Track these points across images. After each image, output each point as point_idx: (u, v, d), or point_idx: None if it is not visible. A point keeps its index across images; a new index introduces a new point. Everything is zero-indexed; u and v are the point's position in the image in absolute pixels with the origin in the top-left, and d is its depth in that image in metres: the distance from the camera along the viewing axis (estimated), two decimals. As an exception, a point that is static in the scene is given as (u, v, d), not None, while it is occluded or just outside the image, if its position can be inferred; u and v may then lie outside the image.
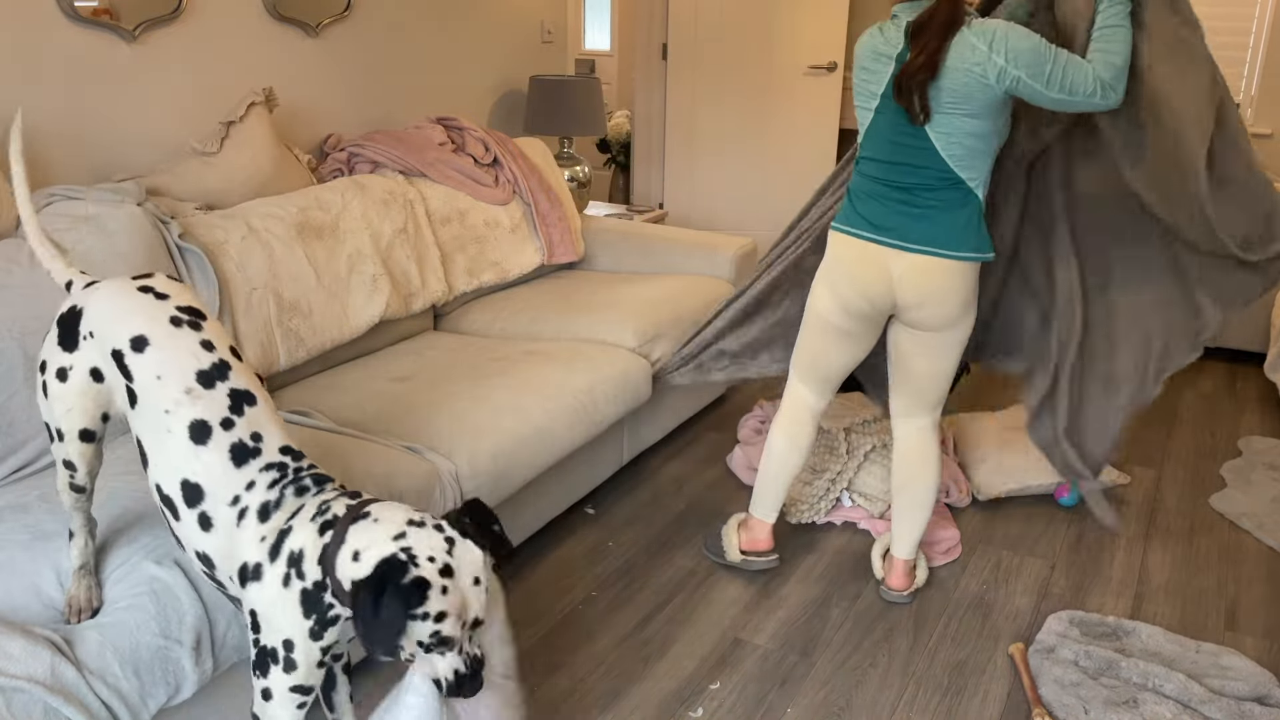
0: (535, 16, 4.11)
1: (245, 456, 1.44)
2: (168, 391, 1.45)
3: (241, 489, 1.42)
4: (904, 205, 2.17)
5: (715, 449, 3.37)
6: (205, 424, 1.44)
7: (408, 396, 2.48)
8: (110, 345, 1.50)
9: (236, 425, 1.45)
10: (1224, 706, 2.07)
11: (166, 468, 1.45)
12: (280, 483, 1.44)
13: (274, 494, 1.43)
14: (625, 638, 2.36)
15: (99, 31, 2.52)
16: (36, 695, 1.44)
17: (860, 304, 2.27)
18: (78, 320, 1.54)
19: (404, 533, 1.34)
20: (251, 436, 1.46)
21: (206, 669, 1.66)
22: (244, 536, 1.41)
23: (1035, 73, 2.00)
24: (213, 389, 1.47)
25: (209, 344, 1.51)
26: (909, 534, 2.49)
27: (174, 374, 1.46)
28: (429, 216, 3.08)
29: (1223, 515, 2.96)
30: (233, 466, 1.43)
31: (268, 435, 1.47)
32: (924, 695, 2.19)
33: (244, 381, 1.51)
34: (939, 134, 2.10)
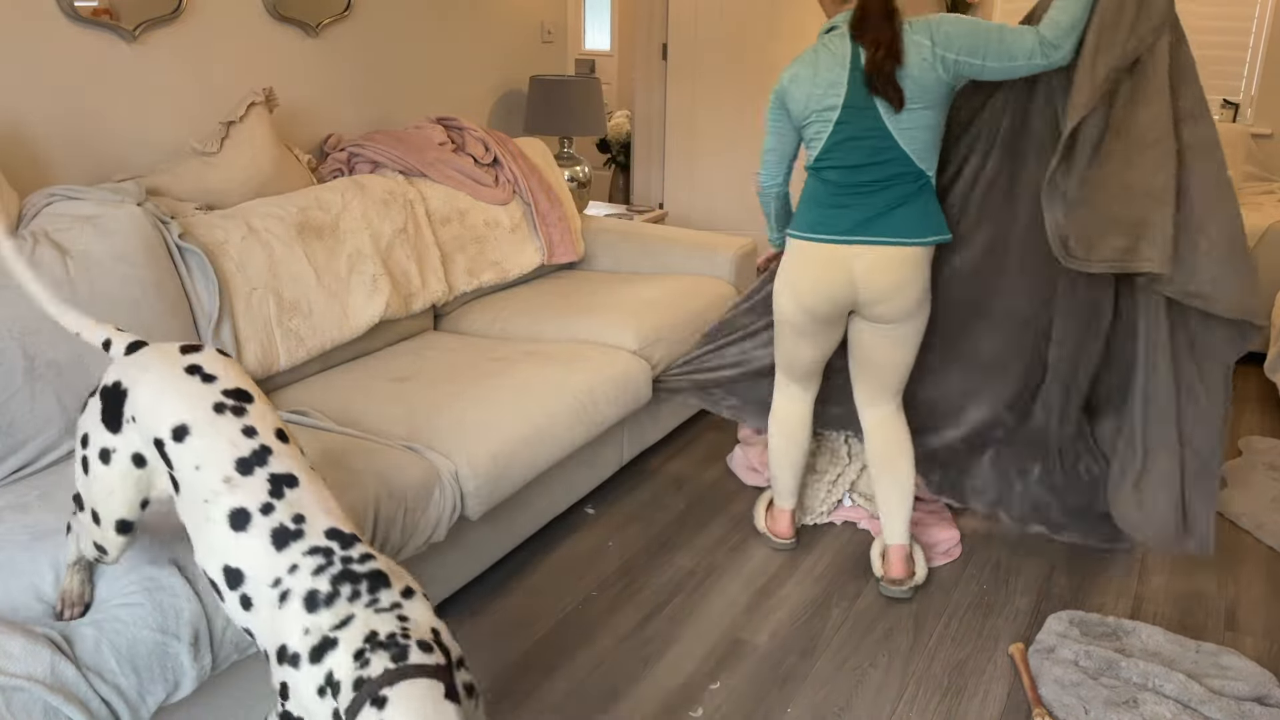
0: (535, 16, 4.11)
1: (286, 539, 1.41)
2: (206, 481, 1.44)
3: (284, 572, 1.39)
4: (869, 203, 2.29)
5: (715, 449, 3.37)
6: (244, 511, 1.41)
7: (408, 396, 2.48)
8: (152, 433, 1.48)
9: (277, 509, 1.42)
10: (1224, 706, 2.07)
11: (208, 553, 1.43)
12: (327, 570, 1.39)
13: (324, 584, 1.38)
14: (625, 638, 2.36)
15: (99, 31, 2.52)
16: (36, 694, 1.44)
17: (823, 306, 2.39)
18: (122, 401, 1.52)
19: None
20: (293, 519, 1.42)
21: (205, 665, 1.66)
22: (286, 620, 1.37)
23: (972, 50, 2.13)
24: (251, 475, 1.44)
25: (251, 429, 1.48)
26: (898, 517, 2.54)
27: (213, 464, 1.44)
28: (429, 216, 3.08)
29: (1223, 515, 2.96)
30: (274, 550, 1.40)
31: (311, 517, 1.44)
32: (924, 695, 2.19)
33: (286, 464, 1.48)
34: (901, 130, 2.23)
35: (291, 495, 1.45)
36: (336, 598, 1.37)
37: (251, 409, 1.51)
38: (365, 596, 1.39)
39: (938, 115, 2.25)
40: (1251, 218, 4.04)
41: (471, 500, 2.25)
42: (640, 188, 5.38)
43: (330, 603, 1.37)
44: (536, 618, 2.43)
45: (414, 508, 2.09)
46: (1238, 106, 4.76)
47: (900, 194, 2.28)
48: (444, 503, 2.17)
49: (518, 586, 2.56)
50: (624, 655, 2.30)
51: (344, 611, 1.37)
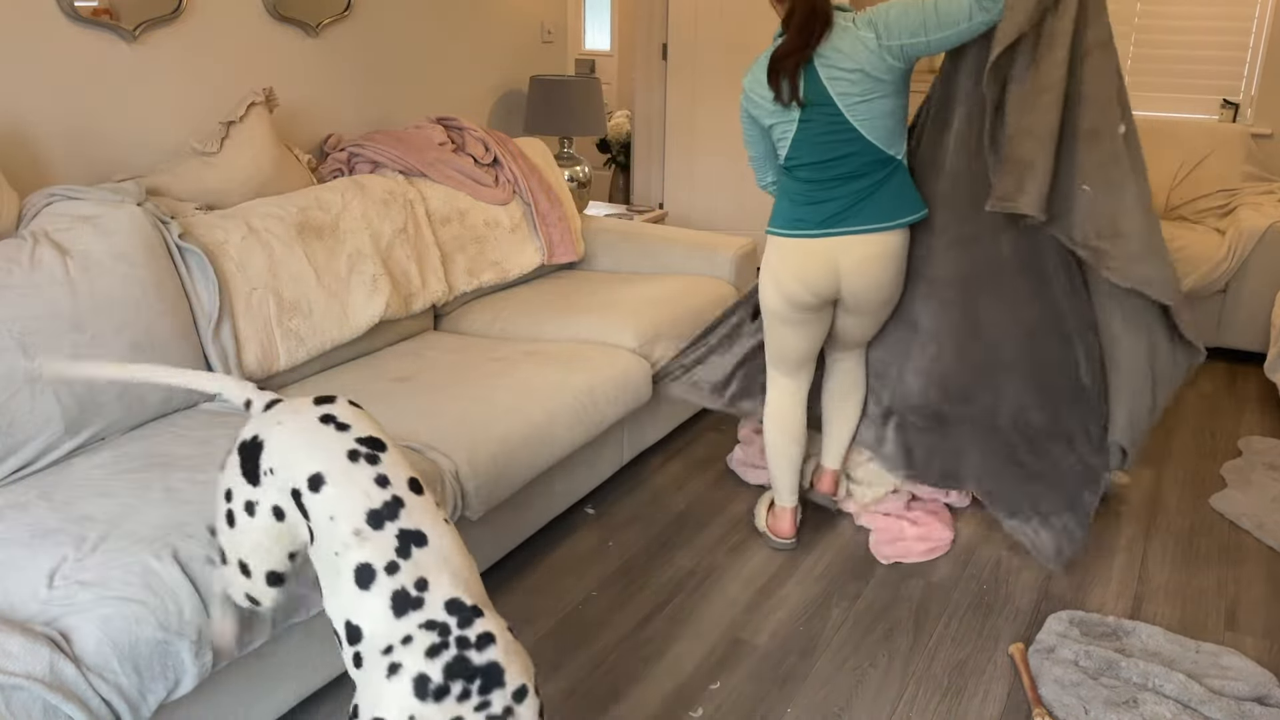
0: (535, 16, 4.11)
1: (406, 607, 1.38)
2: (339, 533, 1.43)
3: (397, 641, 1.36)
4: (843, 194, 2.36)
5: (715, 449, 3.37)
6: (370, 567, 1.40)
7: (408, 396, 2.48)
8: (290, 484, 1.48)
9: (401, 570, 1.40)
10: (1224, 706, 2.07)
11: (336, 606, 1.42)
12: (442, 654, 1.36)
13: (437, 672, 1.34)
14: (625, 638, 2.36)
15: (99, 31, 2.52)
16: (36, 693, 1.44)
17: (807, 298, 2.47)
18: (259, 453, 1.52)
19: None
20: (416, 584, 1.39)
21: (206, 662, 1.66)
22: (390, 695, 1.34)
23: (914, 30, 2.20)
24: (381, 530, 1.42)
25: (384, 479, 1.47)
26: (840, 443, 2.84)
27: (345, 514, 1.43)
28: (429, 216, 3.08)
29: (1223, 515, 2.96)
30: (392, 616, 1.38)
31: (434, 584, 1.40)
32: (924, 695, 2.19)
33: (417, 519, 1.45)
34: (862, 121, 2.29)
35: (418, 555, 1.42)
36: (446, 694, 1.33)
37: (385, 458, 1.50)
38: (476, 698, 1.35)
39: (897, 100, 2.31)
40: (1252, 218, 4.04)
41: (472, 500, 2.25)
42: (640, 188, 5.38)
43: (440, 698, 1.33)
44: (536, 618, 2.43)
45: (414, 507, 2.09)
46: (1238, 106, 4.76)
47: (873, 181, 2.35)
48: (444, 501, 2.17)
49: (518, 586, 2.56)
50: (624, 655, 2.30)
51: (452, 712, 1.33)
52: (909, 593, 2.56)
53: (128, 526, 1.77)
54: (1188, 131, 4.51)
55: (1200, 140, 4.47)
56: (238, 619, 1.69)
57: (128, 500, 1.85)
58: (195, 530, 1.76)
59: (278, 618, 1.80)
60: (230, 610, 1.67)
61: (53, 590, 1.61)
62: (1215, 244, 4.08)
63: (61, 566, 1.65)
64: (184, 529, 1.76)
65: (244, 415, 2.25)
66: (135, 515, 1.80)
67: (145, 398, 2.21)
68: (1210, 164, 4.43)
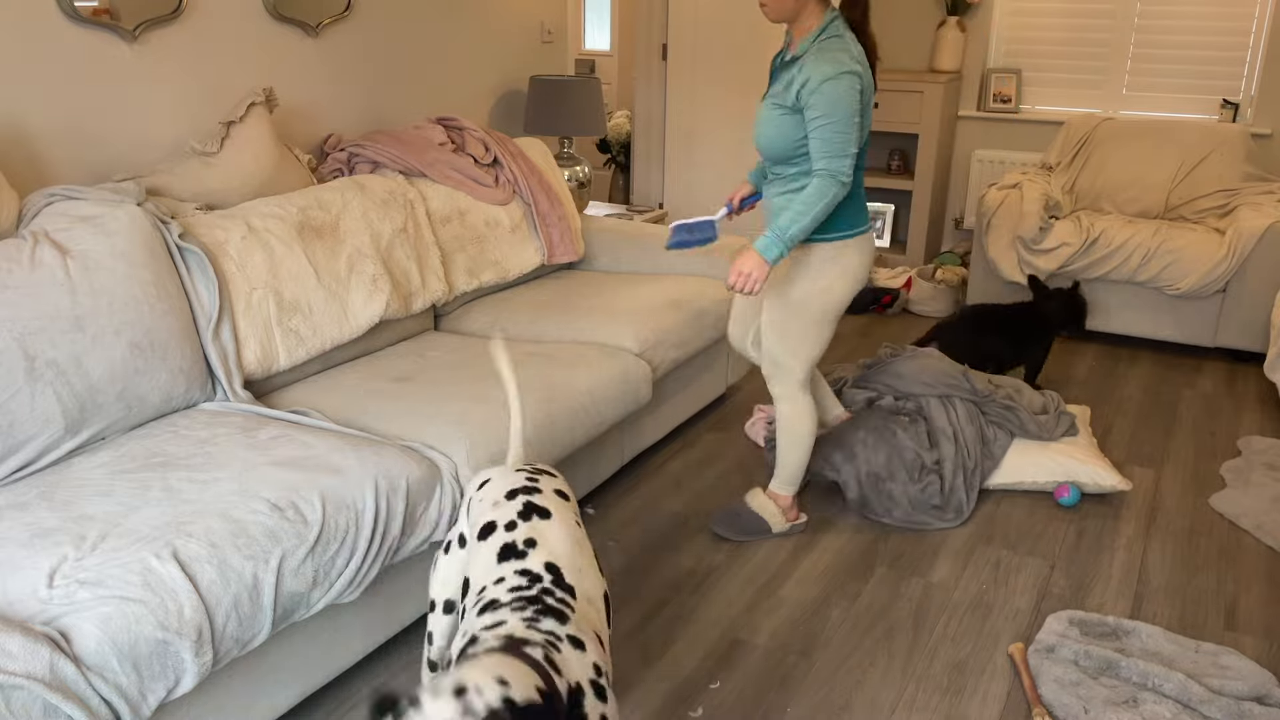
0: (535, 16, 4.11)
1: (509, 555, 1.53)
2: (484, 509, 1.66)
3: (490, 581, 1.50)
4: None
5: (715, 449, 3.37)
6: (493, 524, 1.58)
7: (408, 396, 2.48)
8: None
9: (518, 529, 1.58)
10: (1223, 706, 2.07)
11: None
12: (524, 590, 1.44)
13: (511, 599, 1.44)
14: (625, 638, 2.36)
15: (99, 31, 2.52)
16: (36, 693, 1.44)
17: None
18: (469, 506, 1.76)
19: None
20: (525, 541, 1.55)
21: (206, 661, 1.66)
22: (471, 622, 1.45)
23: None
24: (512, 500, 1.65)
25: (532, 478, 1.73)
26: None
27: (491, 494, 1.69)
28: (429, 216, 3.08)
29: (1222, 515, 2.96)
30: (495, 562, 1.53)
31: (542, 547, 1.55)
32: (924, 695, 2.19)
33: (546, 501, 1.66)
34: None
35: (538, 523, 1.57)
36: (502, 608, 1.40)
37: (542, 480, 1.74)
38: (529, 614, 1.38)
39: None
40: (1251, 218, 4.04)
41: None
42: (640, 188, 5.38)
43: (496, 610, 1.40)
44: (536, 617, 2.43)
45: (415, 504, 2.09)
46: (1238, 106, 4.76)
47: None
48: (445, 500, 2.17)
49: (518, 586, 2.56)
50: (624, 655, 2.30)
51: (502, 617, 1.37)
52: (909, 593, 2.56)
53: (128, 526, 1.77)
54: (1188, 131, 4.51)
55: (1200, 140, 4.47)
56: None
57: (128, 500, 1.85)
58: (195, 530, 1.76)
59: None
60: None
61: (53, 589, 1.61)
62: (1215, 244, 4.08)
63: (61, 566, 1.65)
64: (184, 528, 1.76)
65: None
66: (135, 515, 1.80)
67: (145, 397, 2.21)
68: (1210, 164, 4.43)
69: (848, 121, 2.29)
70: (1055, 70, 5.17)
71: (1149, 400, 3.81)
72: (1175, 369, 4.15)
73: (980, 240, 4.47)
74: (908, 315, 4.85)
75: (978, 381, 3.17)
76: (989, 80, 5.27)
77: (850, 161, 2.34)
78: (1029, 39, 5.20)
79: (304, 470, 1.99)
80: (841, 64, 2.28)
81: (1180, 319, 4.21)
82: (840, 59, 2.29)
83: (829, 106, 2.28)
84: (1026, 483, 3.03)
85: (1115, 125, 4.64)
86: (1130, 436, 3.49)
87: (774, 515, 2.80)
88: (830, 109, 2.28)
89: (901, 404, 3.15)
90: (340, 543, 1.91)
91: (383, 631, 2.19)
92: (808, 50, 2.35)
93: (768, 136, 2.43)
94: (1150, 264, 4.13)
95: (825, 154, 2.32)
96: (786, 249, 2.34)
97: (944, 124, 5.24)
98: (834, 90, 2.27)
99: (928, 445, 2.99)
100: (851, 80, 2.29)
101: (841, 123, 2.29)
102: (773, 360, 2.62)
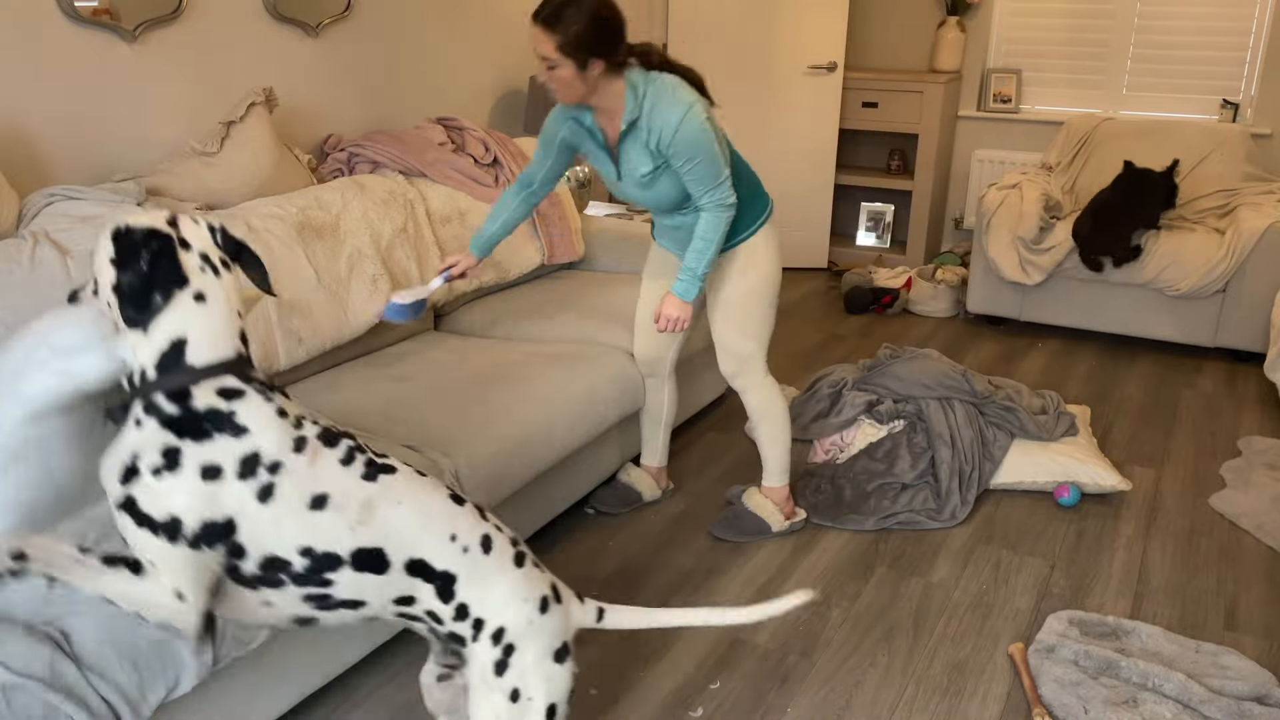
0: (535, 17, 4.11)
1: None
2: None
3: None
4: None
5: (715, 449, 3.37)
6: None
7: (408, 396, 2.48)
8: None
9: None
10: (1223, 706, 2.07)
11: None
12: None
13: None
14: (625, 638, 2.36)
15: (99, 31, 2.52)
16: (36, 693, 1.44)
17: None
18: None
19: None
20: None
21: (206, 660, 1.66)
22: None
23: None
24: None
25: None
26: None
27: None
28: (429, 216, 3.08)
29: (1223, 515, 2.96)
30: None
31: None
32: (924, 695, 2.19)
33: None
34: None
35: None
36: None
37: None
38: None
39: None
40: (1251, 218, 4.03)
41: (471, 499, 2.24)
42: (640, 188, 5.37)
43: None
44: (536, 617, 2.43)
45: (414, 507, 2.09)
46: (1237, 106, 4.76)
47: None
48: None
49: (518, 586, 2.56)
50: (624, 655, 2.30)
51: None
52: (909, 593, 2.56)
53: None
54: (1188, 131, 4.50)
55: (1200, 140, 4.47)
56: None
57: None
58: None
59: None
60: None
61: (53, 589, 1.61)
62: (1215, 244, 4.08)
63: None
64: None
65: None
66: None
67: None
68: (1210, 164, 4.43)
69: (713, 152, 2.29)
70: (1055, 70, 5.17)
71: (1149, 400, 3.81)
72: (1175, 369, 4.15)
73: (980, 240, 4.47)
74: (908, 315, 4.85)
75: (977, 383, 3.17)
76: (989, 80, 5.27)
77: (728, 184, 2.35)
78: (1029, 39, 5.20)
79: (304, 470, 1.99)
80: (679, 100, 2.24)
81: (1180, 319, 4.21)
82: (676, 96, 2.25)
83: (692, 149, 2.26)
84: (1026, 483, 3.03)
85: (1115, 125, 4.64)
86: (1130, 436, 3.49)
87: (772, 513, 2.80)
88: (694, 150, 2.26)
89: (900, 406, 3.15)
90: (340, 543, 1.91)
91: (383, 631, 2.19)
92: (639, 113, 2.27)
93: (658, 196, 2.40)
94: (1150, 264, 4.13)
95: (705, 189, 2.33)
96: (702, 283, 2.41)
97: (944, 124, 5.24)
98: (689, 130, 2.24)
99: (914, 462, 3.02)
100: (696, 111, 2.25)
101: (708, 156, 2.28)
102: (737, 356, 2.65)
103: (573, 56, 2.14)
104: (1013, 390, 3.25)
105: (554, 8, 2.12)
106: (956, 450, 3.00)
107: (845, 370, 3.45)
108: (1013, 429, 3.10)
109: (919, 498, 2.93)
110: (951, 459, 2.98)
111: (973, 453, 3.01)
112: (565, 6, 2.12)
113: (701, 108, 2.27)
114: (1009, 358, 4.24)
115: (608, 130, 2.35)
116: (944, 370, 3.20)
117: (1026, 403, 3.18)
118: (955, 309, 4.84)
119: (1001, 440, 3.07)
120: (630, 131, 2.31)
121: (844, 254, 5.61)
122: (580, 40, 2.12)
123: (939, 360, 3.28)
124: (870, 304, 4.84)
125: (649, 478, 2.98)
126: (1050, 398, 3.28)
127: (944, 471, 2.96)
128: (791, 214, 5.39)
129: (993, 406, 3.12)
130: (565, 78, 2.19)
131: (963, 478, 2.97)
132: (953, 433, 3.03)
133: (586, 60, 2.16)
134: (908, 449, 3.04)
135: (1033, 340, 4.47)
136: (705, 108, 2.29)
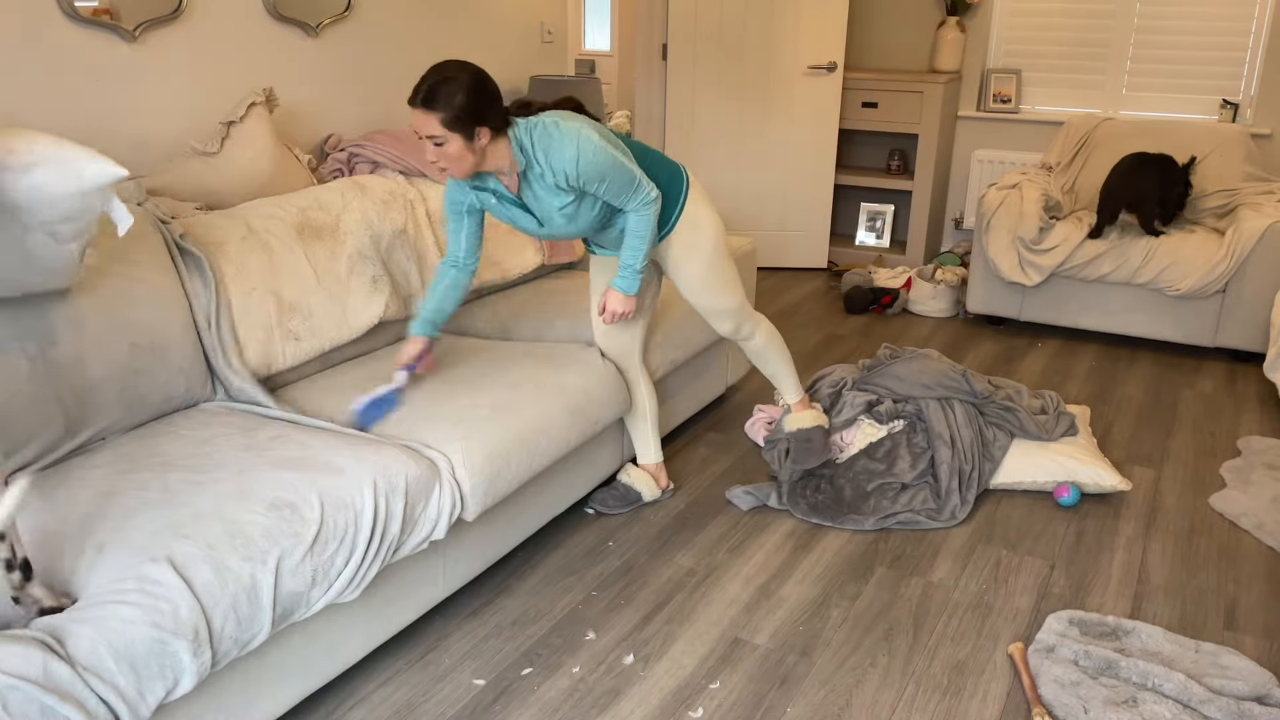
0: (535, 16, 4.11)
1: None
2: None
3: None
4: None
5: (715, 449, 3.37)
6: None
7: (406, 396, 2.48)
8: None
9: None
10: (1223, 706, 2.07)
11: None
12: None
13: None
14: (625, 638, 2.36)
15: (99, 31, 2.52)
16: (32, 694, 1.44)
17: None
18: None
19: None
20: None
21: (205, 661, 1.66)
22: None
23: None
24: None
25: None
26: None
27: None
28: (429, 217, 3.08)
29: (1222, 515, 2.96)
30: None
31: None
32: (924, 695, 2.19)
33: None
34: None
35: None
36: None
37: None
38: None
39: None
40: (1251, 218, 4.03)
41: (468, 500, 2.24)
42: (640, 188, 5.37)
43: None
44: (536, 618, 2.43)
45: (414, 503, 2.09)
46: (1237, 106, 4.76)
47: None
48: (444, 499, 2.17)
49: (518, 587, 2.56)
50: (624, 655, 2.30)
51: None
52: (909, 593, 2.56)
53: (122, 528, 1.76)
54: (1188, 131, 4.51)
55: (1200, 140, 4.47)
56: None
57: (124, 502, 1.85)
58: (191, 531, 1.76)
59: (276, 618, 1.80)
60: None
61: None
62: (1215, 244, 4.08)
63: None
64: (180, 529, 1.76)
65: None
66: (133, 515, 1.80)
67: (145, 397, 2.21)
68: (1210, 164, 4.43)
69: (619, 165, 2.33)
70: (1055, 70, 5.17)
71: (1149, 400, 3.81)
72: (1175, 369, 4.15)
73: (980, 240, 4.47)
74: (908, 315, 4.85)
75: (977, 383, 3.17)
76: (989, 80, 5.27)
77: (644, 182, 2.41)
78: (1029, 39, 5.20)
79: (303, 470, 1.99)
80: (565, 133, 2.27)
81: (1180, 319, 4.21)
82: (561, 131, 2.27)
83: (599, 171, 2.30)
84: (1026, 483, 3.03)
85: (1115, 125, 4.64)
86: (1130, 436, 3.49)
87: (809, 423, 3.02)
88: (601, 171, 2.31)
89: (900, 406, 3.15)
90: (339, 542, 1.91)
91: (383, 631, 2.19)
92: (532, 158, 2.31)
93: (587, 222, 2.46)
94: (1150, 264, 4.13)
95: (625, 198, 2.40)
96: (641, 274, 2.50)
97: (944, 124, 5.24)
98: (587, 156, 2.28)
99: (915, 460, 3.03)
100: (586, 134, 2.28)
101: (617, 170, 2.33)
102: (728, 312, 2.78)
103: (458, 129, 2.19)
104: (1013, 390, 3.25)
105: (430, 88, 2.17)
106: (956, 450, 3.00)
107: (845, 370, 3.45)
108: (1013, 429, 3.10)
109: (919, 498, 2.93)
110: (951, 459, 2.98)
111: (972, 453, 3.01)
112: (440, 85, 2.17)
113: (589, 128, 2.31)
114: (1009, 358, 4.24)
115: (510, 186, 2.40)
116: (944, 370, 3.20)
117: (1026, 403, 3.18)
118: (955, 309, 4.84)
119: (1001, 440, 3.07)
120: (528, 179, 2.36)
121: (844, 254, 5.61)
122: (463, 111, 2.18)
123: (939, 360, 3.28)
124: (870, 304, 4.84)
125: (648, 477, 2.99)
126: (1050, 398, 3.28)
127: (944, 471, 2.96)
128: (791, 214, 5.39)
129: (992, 406, 3.13)
130: (454, 153, 2.23)
131: (962, 478, 2.97)
132: (952, 433, 3.03)
133: (472, 130, 2.21)
134: (907, 449, 3.04)
135: (1032, 340, 4.47)
136: (592, 126, 2.33)
